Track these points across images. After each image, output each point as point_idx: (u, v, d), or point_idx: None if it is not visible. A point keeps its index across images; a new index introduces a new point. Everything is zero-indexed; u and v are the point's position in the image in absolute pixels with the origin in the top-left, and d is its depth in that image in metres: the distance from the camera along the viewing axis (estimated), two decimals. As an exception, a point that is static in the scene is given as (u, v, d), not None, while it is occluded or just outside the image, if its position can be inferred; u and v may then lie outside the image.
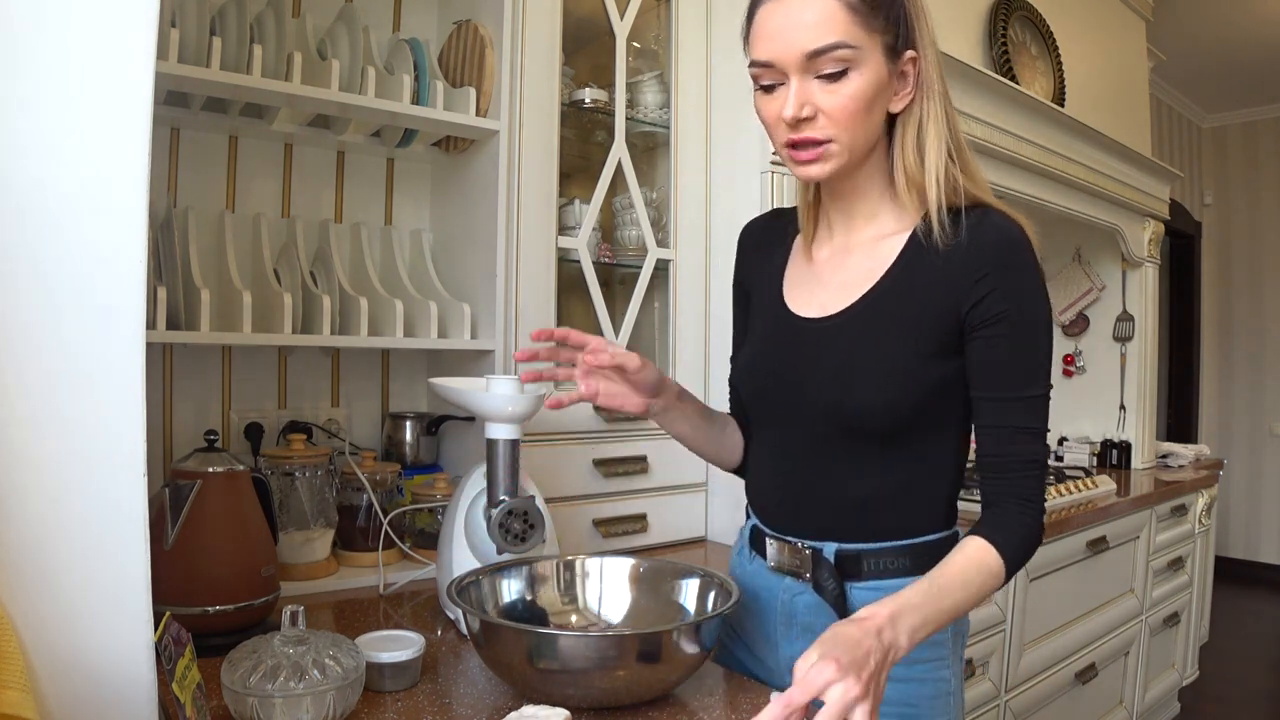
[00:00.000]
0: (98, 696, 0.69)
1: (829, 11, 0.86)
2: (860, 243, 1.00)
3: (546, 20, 1.57)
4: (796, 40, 0.87)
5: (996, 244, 0.90)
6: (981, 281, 0.89)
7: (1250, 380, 5.08)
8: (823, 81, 0.88)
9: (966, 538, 0.89)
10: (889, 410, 0.92)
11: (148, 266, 0.72)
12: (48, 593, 0.68)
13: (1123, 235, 3.00)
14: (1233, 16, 3.86)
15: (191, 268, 1.35)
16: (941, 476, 0.98)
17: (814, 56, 0.87)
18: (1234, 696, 3.30)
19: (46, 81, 0.68)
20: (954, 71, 2.13)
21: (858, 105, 0.88)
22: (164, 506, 1.07)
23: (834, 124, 0.89)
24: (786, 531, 1.02)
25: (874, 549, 0.97)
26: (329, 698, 0.83)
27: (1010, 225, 0.92)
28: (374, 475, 1.47)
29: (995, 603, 2.00)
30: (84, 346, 0.69)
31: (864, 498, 0.97)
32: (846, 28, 0.86)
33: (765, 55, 0.89)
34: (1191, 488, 2.94)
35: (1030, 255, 0.91)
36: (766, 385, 1.03)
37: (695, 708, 0.95)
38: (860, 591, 0.97)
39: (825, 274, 1.01)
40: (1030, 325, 0.91)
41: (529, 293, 1.55)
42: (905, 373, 0.92)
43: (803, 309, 1.01)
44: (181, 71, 1.24)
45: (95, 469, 0.69)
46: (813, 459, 0.99)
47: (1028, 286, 0.90)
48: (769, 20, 0.89)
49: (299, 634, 0.87)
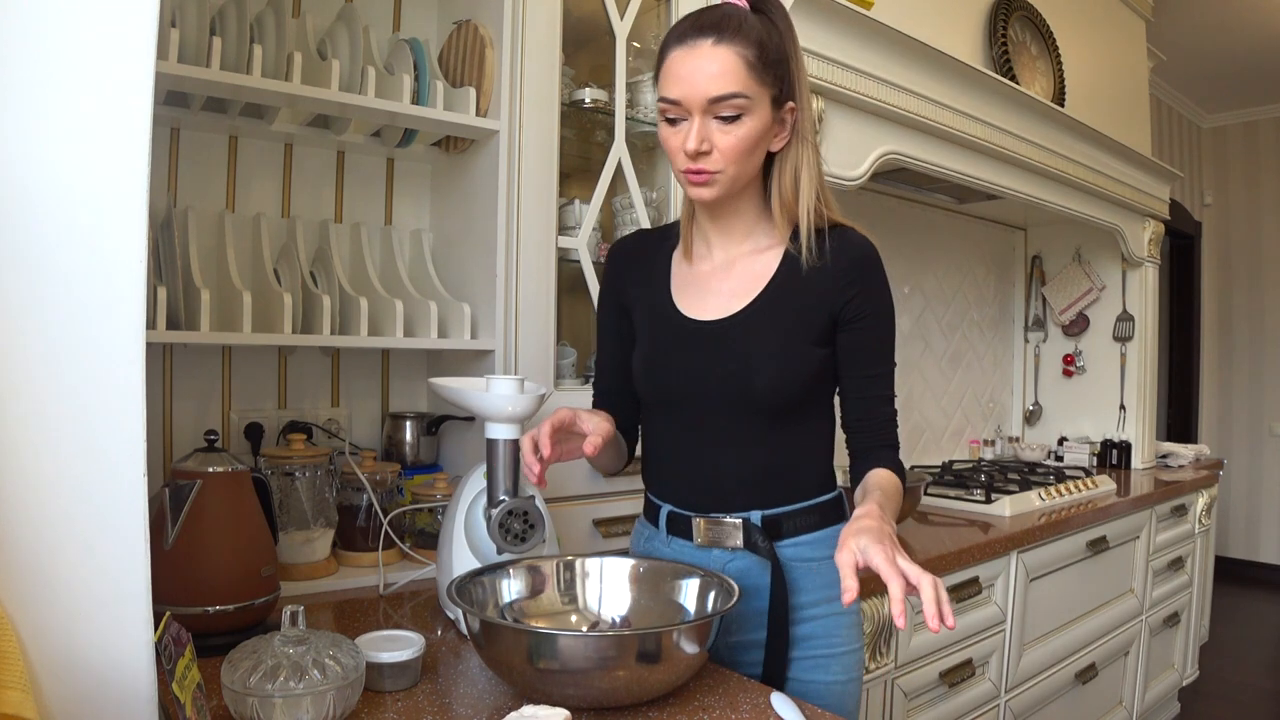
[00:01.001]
0: (98, 696, 0.69)
1: (731, 65, 1.02)
2: (740, 255, 1.17)
3: (546, 20, 1.57)
4: (702, 87, 1.03)
5: (856, 259, 1.12)
6: (848, 288, 1.11)
7: (1250, 380, 5.08)
8: (720, 123, 1.04)
9: (873, 471, 1.11)
10: (787, 388, 1.10)
11: (148, 266, 0.72)
12: (48, 593, 0.68)
13: (1123, 235, 3.00)
14: (1233, 16, 3.86)
15: (191, 268, 1.35)
16: (825, 445, 1.19)
17: (715, 101, 1.03)
18: (1234, 696, 3.30)
19: (47, 82, 0.68)
20: (954, 71, 2.14)
21: (745, 146, 1.05)
22: (164, 506, 1.08)
23: (725, 159, 1.06)
24: (709, 510, 1.16)
25: (789, 510, 1.15)
26: (329, 698, 0.83)
27: (864, 242, 1.14)
28: (374, 475, 1.47)
29: (995, 603, 2.00)
30: (84, 346, 0.69)
31: (771, 467, 1.14)
32: (744, 80, 1.03)
33: (674, 94, 1.05)
34: (1191, 488, 2.94)
35: (880, 264, 1.14)
36: (670, 382, 1.16)
37: (695, 708, 0.95)
38: (785, 549, 1.14)
39: (713, 283, 1.17)
40: (885, 319, 1.15)
41: (529, 293, 1.55)
42: (797, 357, 1.11)
43: (697, 313, 1.16)
44: (181, 71, 1.24)
45: (95, 469, 0.69)
46: (721, 442, 1.14)
47: (883, 291, 1.14)
48: (681, 64, 1.04)
49: (299, 634, 0.87)
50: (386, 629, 1.06)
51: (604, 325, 1.31)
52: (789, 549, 1.14)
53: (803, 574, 1.14)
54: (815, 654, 1.13)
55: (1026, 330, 3.47)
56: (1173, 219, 3.70)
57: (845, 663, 1.15)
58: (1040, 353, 3.45)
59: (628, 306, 1.25)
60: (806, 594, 1.14)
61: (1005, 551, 2.00)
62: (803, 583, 1.14)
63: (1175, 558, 2.85)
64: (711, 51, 1.03)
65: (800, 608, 1.13)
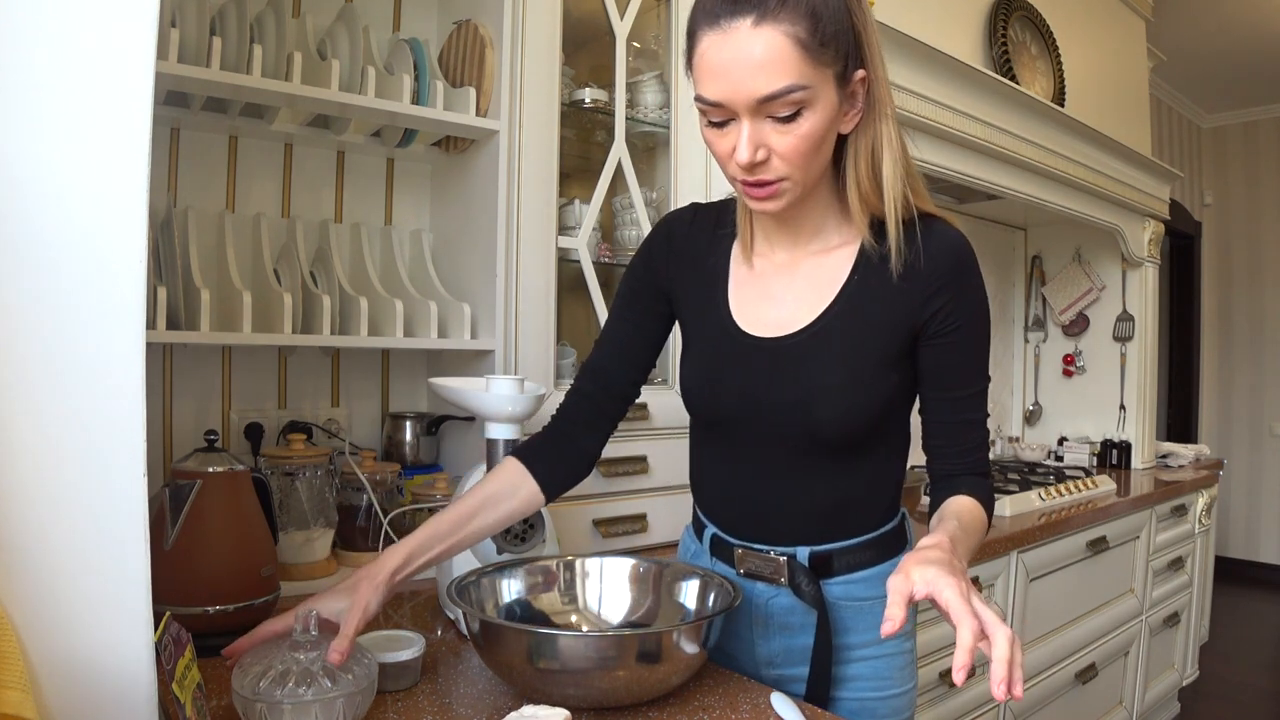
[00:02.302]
0: (98, 696, 0.69)
1: (779, 51, 0.81)
2: (807, 256, 1.00)
3: (546, 20, 1.57)
4: (747, 84, 0.82)
5: (948, 259, 0.95)
6: (936, 295, 0.94)
7: (1250, 380, 5.08)
8: (776, 123, 0.85)
9: (954, 498, 0.95)
10: (852, 425, 0.96)
11: (148, 266, 0.72)
12: (48, 593, 0.68)
13: (1123, 235, 3.00)
14: (1233, 16, 3.86)
15: (191, 268, 1.35)
16: (893, 472, 1.04)
17: (766, 101, 0.82)
18: (1234, 696, 3.30)
19: (47, 82, 0.68)
20: (954, 71, 2.14)
21: (810, 145, 0.86)
22: (164, 506, 1.07)
23: (788, 164, 0.87)
24: (754, 540, 1.04)
25: (842, 547, 1.02)
26: (338, 705, 0.82)
27: (958, 237, 0.96)
28: (374, 475, 1.47)
29: (995, 603, 2.00)
30: (84, 346, 0.69)
31: (829, 504, 1.01)
32: (798, 68, 0.81)
33: (713, 95, 0.84)
34: (1191, 488, 2.94)
35: (976, 265, 0.97)
36: (721, 404, 1.02)
37: (695, 707, 0.95)
38: (835, 587, 1.02)
39: (775, 289, 1.00)
40: (979, 332, 0.98)
41: (529, 293, 1.55)
42: (866, 388, 0.95)
43: (755, 328, 1.00)
44: (181, 71, 1.24)
45: (95, 469, 0.69)
46: (776, 472, 1.01)
47: (978, 298, 0.97)
48: (716, 55, 0.83)
49: (311, 639, 0.86)
50: (387, 629, 1.05)
51: (623, 305, 1.11)
52: (838, 587, 1.02)
53: (852, 614, 1.02)
54: (862, 695, 1.02)
55: (1026, 330, 3.47)
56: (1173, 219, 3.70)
57: (895, 705, 1.03)
58: (1040, 353, 3.45)
59: (669, 295, 1.09)
60: (856, 634, 1.02)
61: (1005, 551, 2.00)
62: (852, 623, 1.02)
63: (1175, 558, 2.85)
64: (752, 35, 0.80)
65: (848, 648, 1.02)
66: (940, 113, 2.12)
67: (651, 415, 1.69)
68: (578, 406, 1.12)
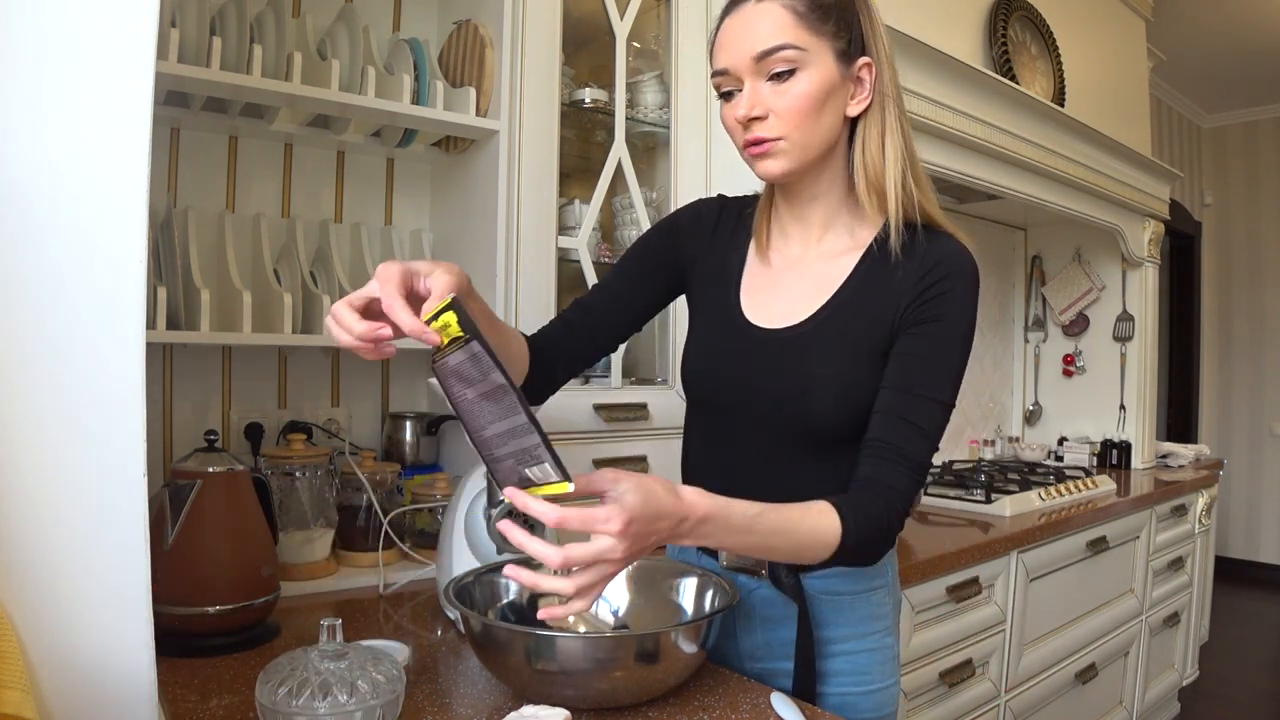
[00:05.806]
0: (98, 696, 0.69)
1: (775, 18, 0.92)
2: (818, 254, 1.04)
3: (546, 20, 1.57)
4: (747, 45, 0.93)
5: (947, 265, 0.96)
6: (925, 289, 0.96)
7: (1250, 380, 5.08)
8: (773, 83, 0.94)
9: (823, 502, 0.88)
10: (846, 418, 0.97)
11: (148, 266, 0.72)
12: (48, 593, 0.68)
13: (1123, 235, 3.00)
14: (1233, 16, 3.86)
15: (191, 268, 1.35)
16: None
17: (762, 58, 0.93)
18: (1234, 696, 3.30)
19: (47, 82, 0.68)
20: (954, 71, 2.14)
21: (806, 104, 0.93)
22: (164, 506, 1.07)
23: (784, 123, 0.94)
24: None
25: None
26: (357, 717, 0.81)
27: (964, 252, 0.98)
28: (374, 475, 1.47)
29: (995, 603, 2.00)
30: (84, 346, 0.69)
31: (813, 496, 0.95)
32: (792, 30, 0.92)
33: (721, 63, 0.96)
34: (1191, 488, 2.94)
35: (974, 280, 0.98)
36: (719, 388, 1.05)
37: (695, 707, 0.95)
38: (814, 580, 1.04)
39: (784, 284, 1.05)
40: (954, 335, 0.96)
41: (529, 293, 1.55)
42: (860, 384, 0.97)
43: (760, 319, 1.04)
44: (181, 71, 1.25)
45: (95, 469, 0.69)
46: (765, 463, 1.03)
47: (962, 306, 0.96)
48: (726, 32, 0.96)
49: (337, 649, 0.84)
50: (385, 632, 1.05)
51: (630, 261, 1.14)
52: (818, 580, 1.04)
53: (832, 608, 1.05)
54: (845, 690, 1.04)
55: (1026, 330, 3.47)
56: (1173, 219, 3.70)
57: (877, 700, 1.06)
58: (1040, 353, 3.45)
59: (683, 270, 1.12)
60: (836, 628, 1.05)
61: (1005, 551, 2.00)
62: (832, 616, 1.05)
63: (1175, 558, 2.85)
64: (755, 9, 0.93)
65: (829, 642, 1.05)
66: (940, 113, 2.12)
67: (651, 415, 1.69)
68: (559, 332, 1.10)
